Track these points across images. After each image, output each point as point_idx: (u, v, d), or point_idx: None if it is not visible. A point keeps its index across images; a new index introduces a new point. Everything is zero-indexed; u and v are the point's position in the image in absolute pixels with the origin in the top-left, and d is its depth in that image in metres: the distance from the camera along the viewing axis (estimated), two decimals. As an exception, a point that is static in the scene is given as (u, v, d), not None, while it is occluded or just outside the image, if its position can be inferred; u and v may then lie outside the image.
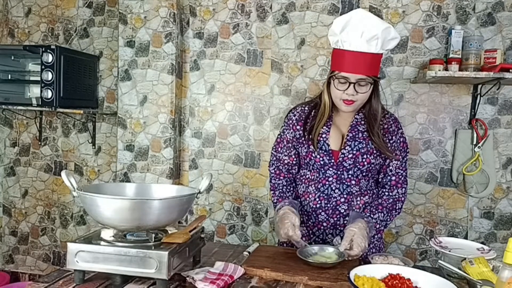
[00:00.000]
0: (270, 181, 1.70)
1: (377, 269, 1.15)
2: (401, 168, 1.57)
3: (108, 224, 1.18)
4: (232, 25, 2.74)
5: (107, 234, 1.22)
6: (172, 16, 2.66)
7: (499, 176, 2.50)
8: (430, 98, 2.54)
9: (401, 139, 1.56)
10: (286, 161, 1.64)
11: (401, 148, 1.56)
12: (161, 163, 2.71)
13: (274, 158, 1.68)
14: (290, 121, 1.62)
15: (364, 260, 1.45)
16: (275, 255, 1.40)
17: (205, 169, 2.82)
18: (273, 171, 1.68)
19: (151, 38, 2.68)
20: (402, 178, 1.57)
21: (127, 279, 1.16)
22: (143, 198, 1.31)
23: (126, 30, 2.71)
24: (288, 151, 1.63)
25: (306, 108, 1.61)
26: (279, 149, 1.66)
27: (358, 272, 1.11)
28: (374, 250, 1.59)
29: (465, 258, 1.25)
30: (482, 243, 1.85)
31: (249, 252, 1.46)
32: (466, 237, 2.51)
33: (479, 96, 2.42)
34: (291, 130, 1.61)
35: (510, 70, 2.15)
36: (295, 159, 1.64)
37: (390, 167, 1.56)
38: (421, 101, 2.55)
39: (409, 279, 1.10)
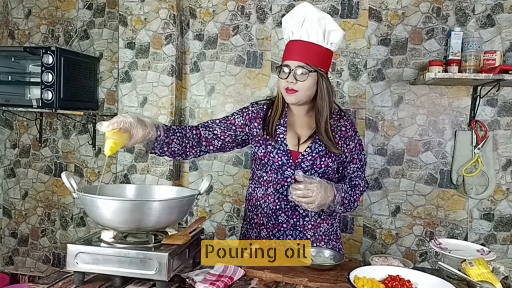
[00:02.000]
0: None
1: (377, 271, 1.16)
2: (360, 170, 1.61)
3: (108, 226, 1.18)
4: (232, 26, 2.75)
5: (107, 235, 1.22)
6: (172, 18, 2.67)
7: (499, 177, 2.50)
8: (430, 99, 2.54)
9: (358, 143, 1.59)
10: (215, 132, 1.55)
11: (358, 151, 1.59)
12: (161, 165, 2.71)
13: (202, 124, 1.58)
14: (246, 110, 1.60)
15: (364, 261, 1.46)
16: (275, 257, 1.40)
17: (205, 170, 2.82)
18: (202, 124, 1.58)
19: (151, 39, 2.69)
20: (362, 179, 1.61)
21: (127, 280, 1.16)
22: (143, 199, 1.31)
23: (126, 32, 2.72)
24: (225, 128, 1.56)
25: (264, 106, 1.61)
26: (218, 122, 1.58)
27: (358, 273, 1.11)
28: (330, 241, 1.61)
29: (465, 260, 1.25)
30: (482, 244, 1.86)
31: (249, 254, 1.45)
32: (466, 239, 2.51)
33: (478, 97, 2.42)
34: (241, 118, 1.58)
35: (510, 72, 2.15)
36: (226, 137, 1.56)
37: (348, 170, 1.59)
38: (420, 102, 2.55)
39: (408, 281, 1.10)
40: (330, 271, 1.28)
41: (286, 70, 1.46)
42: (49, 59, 2.53)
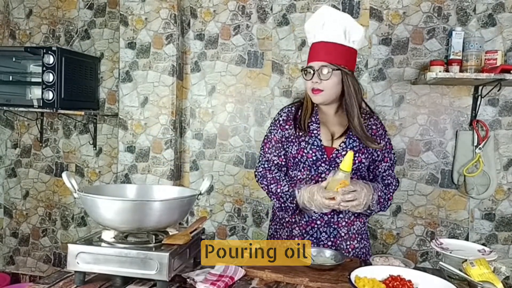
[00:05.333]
0: (261, 182, 1.62)
1: (378, 271, 1.15)
2: (391, 169, 1.63)
3: (109, 226, 1.18)
4: (233, 26, 2.74)
5: (107, 235, 1.22)
6: (173, 18, 2.67)
7: (500, 177, 2.49)
8: (431, 99, 2.53)
9: (388, 142, 1.62)
10: (276, 162, 1.62)
11: (388, 150, 1.61)
12: (162, 165, 2.71)
13: (264, 159, 1.64)
14: (277, 122, 1.64)
15: (365, 261, 1.45)
16: (276, 257, 1.40)
17: (206, 170, 2.82)
18: (261, 170, 1.63)
19: (152, 39, 2.69)
20: (393, 178, 1.62)
21: (127, 280, 1.16)
22: (144, 199, 1.31)
23: (127, 32, 2.72)
24: (277, 151, 1.61)
25: (293, 109, 1.65)
26: (267, 149, 1.63)
27: (359, 273, 1.11)
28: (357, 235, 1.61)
29: (466, 260, 1.24)
30: (483, 244, 1.86)
31: (249, 254, 1.45)
32: (467, 239, 2.50)
33: (480, 97, 2.42)
34: (279, 130, 1.62)
35: (511, 71, 2.14)
36: (284, 160, 1.62)
37: (380, 169, 1.60)
38: (421, 102, 2.55)
39: (410, 281, 1.10)
40: (331, 271, 1.28)
41: (311, 71, 1.50)
42: (50, 59, 2.54)
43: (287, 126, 1.61)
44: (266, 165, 1.63)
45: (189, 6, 2.79)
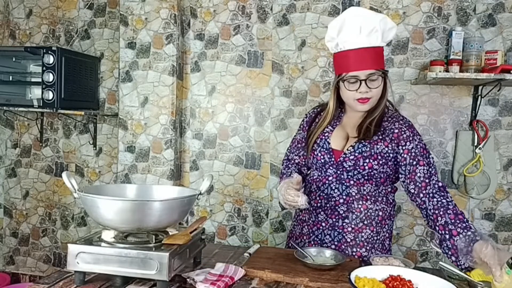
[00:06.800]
0: (280, 177, 1.71)
1: (378, 271, 1.15)
2: (434, 175, 1.42)
3: (109, 226, 1.18)
4: (233, 26, 2.74)
5: (107, 235, 1.22)
6: (173, 18, 2.67)
7: (500, 177, 2.49)
8: (431, 99, 2.53)
9: (419, 145, 1.45)
10: (296, 161, 1.69)
11: (421, 153, 1.43)
12: (162, 165, 2.71)
13: (286, 158, 1.74)
14: (302, 123, 1.69)
15: (364, 261, 1.45)
16: (276, 257, 1.40)
17: (206, 170, 2.82)
18: (283, 168, 1.73)
19: (152, 39, 2.69)
20: (436, 182, 1.41)
21: (127, 280, 1.16)
22: (144, 199, 1.31)
23: (127, 32, 2.72)
24: (298, 151, 1.68)
25: (315, 111, 1.67)
26: (291, 149, 1.72)
27: (359, 273, 1.11)
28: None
29: (466, 260, 1.24)
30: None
31: (249, 254, 1.45)
32: (467, 239, 2.50)
33: (480, 97, 2.42)
34: (302, 131, 1.67)
35: (511, 71, 2.14)
36: (304, 159, 1.67)
37: (418, 174, 1.41)
38: (421, 102, 2.55)
39: (409, 281, 1.10)
40: (331, 271, 1.28)
41: (353, 80, 1.42)
42: (50, 59, 2.54)
43: (307, 127, 1.64)
44: (286, 163, 1.72)
45: (189, 6, 2.79)
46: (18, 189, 3.13)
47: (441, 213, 1.32)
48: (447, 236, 1.28)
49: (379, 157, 1.45)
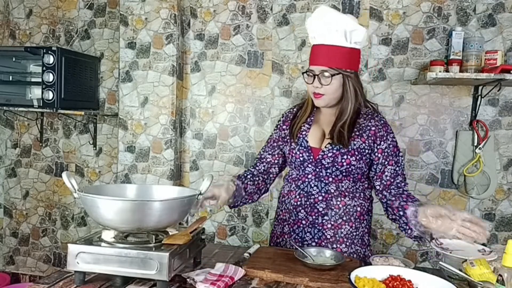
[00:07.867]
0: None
1: (378, 271, 1.15)
2: (397, 172, 1.51)
3: (109, 226, 1.18)
4: (233, 26, 2.74)
5: (107, 235, 1.22)
6: (173, 18, 2.67)
7: (500, 177, 2.49)
8: (431, 99, 2.53)
9: (392, 144, 1.51)
10: (268, 159, 1.68)
11: (392, 153, 1.51)
12: (162, 165, 2.71)
13: (258, 157, 1.72)
14: (279, 123, 1.70)
15: (364, 261, 1.45)
16: (276, 257, 1.40)
17: (206, 170, 2.82)
18: (251, 166, 1.72)
19: (152, 39, 2.69)
20: (399, 182, 1.52)
21: (127, 280, 1.16)
22: (144, 199, 1.31)
23: (127, 32, 2.72)
24: (272, 150, 1.68)
25: (295, 110, 1.68)
26: (265, 148, 1.70)
27: (359, 273, 1.11)
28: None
29: (466, 260, 1.24)
30: (483, 244, 1.85)
31: (249, 254, 1.45)
32: (467, 239, 2.50)
33: (480, 97, 2.42)
34: (278, 131, 1.68)
35: (511, 71, 2.14)
36: (277, 158, 1.67)
37: (386, 173, 1.50)
38: (421, 102, 2.55)
39: (409, 281, 1.10)
40: (331, 271, 1.28)
41: (311, 75, 1.48)
42: (50, 59, 2.54)
43: (284, 127, 1.65)
44: (255, 162, 1.71)
45: (189, 6, 2.79)
46: (18, 189, 3.13)
47: (397, 198, 1.48)
48: (401, 213, 1.45)
49: (356, 153, 1.49)
